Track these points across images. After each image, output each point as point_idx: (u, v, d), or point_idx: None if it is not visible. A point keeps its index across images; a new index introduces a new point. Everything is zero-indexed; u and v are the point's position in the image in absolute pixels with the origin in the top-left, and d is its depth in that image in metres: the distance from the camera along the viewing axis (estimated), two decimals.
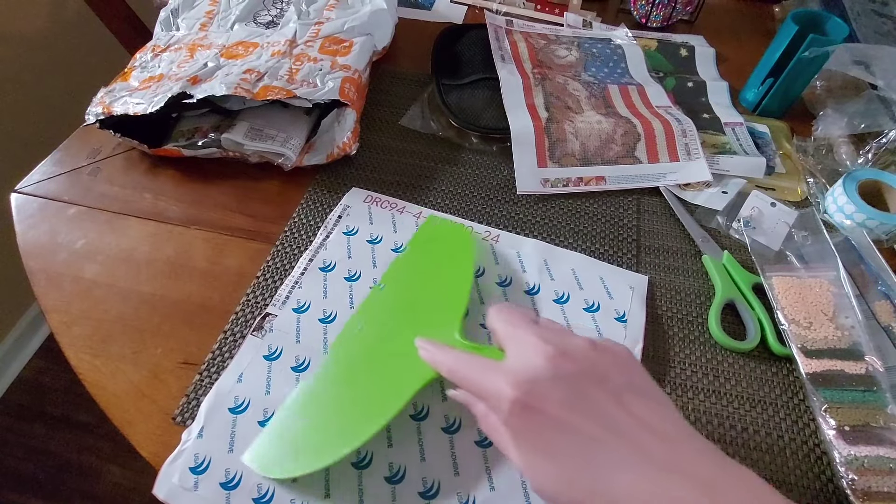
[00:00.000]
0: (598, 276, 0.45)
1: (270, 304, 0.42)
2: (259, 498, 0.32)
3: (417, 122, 0.58)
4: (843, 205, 0.48)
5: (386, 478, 0.33)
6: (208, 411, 0.35)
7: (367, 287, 0.43)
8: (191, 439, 0.34)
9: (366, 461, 0.34)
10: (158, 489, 0.32)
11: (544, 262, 0.45)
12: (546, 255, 0.46)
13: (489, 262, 0.45)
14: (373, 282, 0.43)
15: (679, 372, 0.40)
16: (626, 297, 0.43)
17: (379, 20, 0.61)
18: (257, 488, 0.33)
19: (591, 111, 0.57)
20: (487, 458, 0.35)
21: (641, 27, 0.74)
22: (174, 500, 0.32)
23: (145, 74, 0.54)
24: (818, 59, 0.55)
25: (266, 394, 0.37)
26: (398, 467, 0.34)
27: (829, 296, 0.43)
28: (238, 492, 0.32)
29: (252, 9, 0.61)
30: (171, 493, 0.32)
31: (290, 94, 0.49)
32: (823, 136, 0.57)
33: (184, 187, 0.51)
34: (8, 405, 1.14)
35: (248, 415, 0.36)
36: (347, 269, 0.44)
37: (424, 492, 0.33)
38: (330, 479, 0.33)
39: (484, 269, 0.45)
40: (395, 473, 0.34)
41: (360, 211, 0.49)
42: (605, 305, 0.43)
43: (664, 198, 0.52)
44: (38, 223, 0.47)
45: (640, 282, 0.45)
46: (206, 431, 0.35)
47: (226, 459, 0.34)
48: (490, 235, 0.47)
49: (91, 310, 0.42)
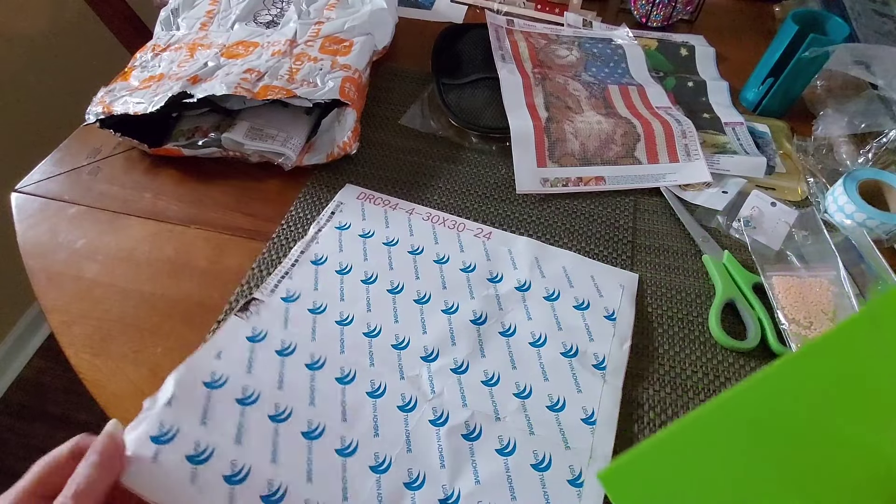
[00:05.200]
0: (589, 275, 0.45)
1: (257, 291, 0.41)
2: (231, 476, 0.30)
3: (417, 121, 0.58)
4: (844, 204, 0.48)
5: (371, 467, 0.33)
6: (179, 382, 0.33)
7: (359, 280, 0.43)
8: (155, 408, 0.32)
9: (351, 449, 0.34)
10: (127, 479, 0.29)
11: (535, 259, 0.46)
12: (538, 252, 0.46)
13: (480, 259, 0.46)
14: (364, 275, 0.43)
15: (679, 371, 0.40)
16: (615, 295, 0.44)
17: (379, 20, 0.61)
18: (231, 465, 0.31)
19: (591, 111, 0.57)
20: (473, 451, 0.35)
21: (642, 27, 0.74)
22: (126, 475, 0.28)
23: (145, 74, 0.54)
24: (818, 58, 0.55)
25: (247, 372, 0.36)
26: (384, 457, 0.34)
27: (829, 295, 0.43)
28: (207, 467, 0.30)
29: (252, 8, 0.61)
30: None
31: (290, 94, 0.49)
32: (824, 135, 0.57)
33: (184, 187, 0.51)
34: (8, 405, 1.14)
35: (225, 390, 0.34)
36: (339, 263, 0.44)
37: (410, 483, 0.33)
38: (312, 466, 0.33)
39: (475, 265, 0.45)
40: (381, 463, 0.34)
41: (353, 207, 0.49)
42: (595, 303, 0.43)
43: (664, 198, 0.52)
44: (38, 223, 0.47)
45: (630, 280, 0.45)
46: (176, 402, 0.32)
47: (196, 431, 0.31)
48: (482, 232, 0.48)
49: (91, 309, 0.42)
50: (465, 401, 0.37)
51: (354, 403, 0.36)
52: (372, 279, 0.43)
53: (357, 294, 0.42)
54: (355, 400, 0.36)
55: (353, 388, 0.37)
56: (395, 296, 0.43)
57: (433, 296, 0.43)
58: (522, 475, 0.34)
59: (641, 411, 0.38)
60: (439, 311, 0.42)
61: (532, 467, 0.34)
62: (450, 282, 0.44)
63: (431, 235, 0.47)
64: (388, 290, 0.43)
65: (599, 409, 0.37)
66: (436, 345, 0.40)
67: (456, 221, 0.48)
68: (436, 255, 0.46)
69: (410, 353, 0.39)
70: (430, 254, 0.46)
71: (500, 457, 0.35)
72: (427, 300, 0.42)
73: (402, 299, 0.42)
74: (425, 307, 0.42)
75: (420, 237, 0.47)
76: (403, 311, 0.42)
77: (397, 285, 0.43)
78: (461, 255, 0.46)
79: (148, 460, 0.29)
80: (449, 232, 0.48)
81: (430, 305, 0.42)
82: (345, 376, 0.37)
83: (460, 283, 0.44)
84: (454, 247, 0.46)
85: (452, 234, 0.47)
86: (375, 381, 0.37)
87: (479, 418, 0.36)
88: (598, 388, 0.38)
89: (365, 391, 0.37)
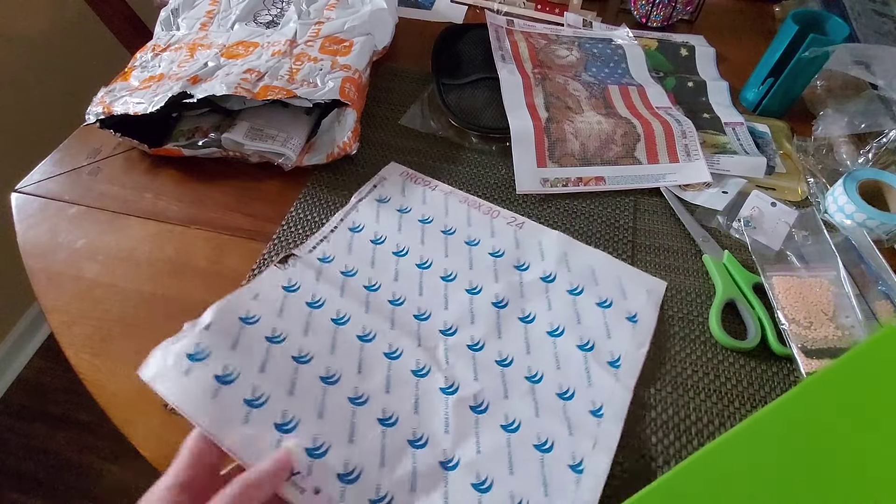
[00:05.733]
0: (616, 276, 0.45)
1: (297, 249, 0.44)
2: (251, 400, 0.32)
3: (417, 121, 0.58)
4: (844, 204, 0.48)
5: (378, 419, 0.35)
6: (218, 311, 0.36)
7: (391, 251, 0.45)
8: (196, 330, 0.34)
9: (363, 399, 0.35)
10: (145, 371, 0.31)
11: (564, 253, 0.46)
12: (567, 247, 0.47)
13: (510, 246, 0.46)
14: (396, 247, 0.45)
15: (680, 371, 0.40)
16: (640, 300, 0.43)
17: (379, 20, 0.61)
18: (252, 389, 0.32)
19: (591, 111, 0.57)
20: (478, 424, 0.36)
21: (642, 27, 0.74)
22: (160, 381, 0.31)
23: (146, 74, 0.54)
24: (818, 58, 0.55)
25: (278, 316, 0.38)
26: (392, 413, 0.35)
27: (829, 295, 0.43)
28: (231, 388, 0.32)
29: (252, 8, 0.61)
30: (158, 374, 0.31)
31: (290, 94, 0.49)
32: (824, 135, 0.57)
33: (184, 187, 0.51)
34: (8, 405, 1.14)
35: (257, 327, 0.36)
36: (374, 233, 0.47)
37: (413, 441, 0.34)
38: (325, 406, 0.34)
39: (504, 251, 0.46)
40: (389, 418, 0.35)
41: (395, 183, 0.51)
42: (618, 303, 0.43)
43: (664, 198, 0.52)
44: (38, 223, 0.47)
45: (657, 287, 0.45)
46: (214, 327, 0.35)
47: (227, 355, 0.33)
48: (515, 221, 0.49)
49: (91, 309, 0.42)
50: (477, 376, 0.38)
51: (371, 360, 0.38)
52: (403, 252, 0.45)
53: (387, 264, 0.44)
54: (372, 357, 0.38)
55: (372, 346, 0.39)
56: (423, 270, 0.44)
57: (459, 275, 0.44)
58: (523, 452, 0.35)
59: (643, 410, 0.38)
60: (463, 290, 0.43)
61: (534, 447, 0.35)
62: (477, 264, 0.45)
63: (465, 218, 0.49)
64: (417, 264, 0.45)
65: (608, 405, 0.37)
66: (455, 321, 0.41)
67: (491, 208, 0.50)
68: (467, 237, 0.47)
69: (430, 325, 0.41)
70: (462, 235, 0.47)
71: (504, 432, 0.35)
72: (453, 278, 0.44)
73: (429, 274, 0.44)
74: (450, 285, 0.43)
75: (454, 218, 0.48)
76: (429, 285, 0.43)
77: (426, 261, 0.45)
78: (491, 240, 0.47)
79: (181, 373, 0.31)
80: (483, 217, 0.49)
81: (454, 284, 0.43)
82: (366, 335, 0.39)
83: (487, 267, 0.45)
84: (486, 231, 0.47)
85: (486, 219, 0.49)
86: (393, 345, 0.39)
87: (487, 394, 0.37)
88: (610, 384, 0.38)
89: (382, 351, 0.39)
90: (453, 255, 0.45)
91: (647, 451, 0.36)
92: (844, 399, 0.30)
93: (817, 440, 0.29)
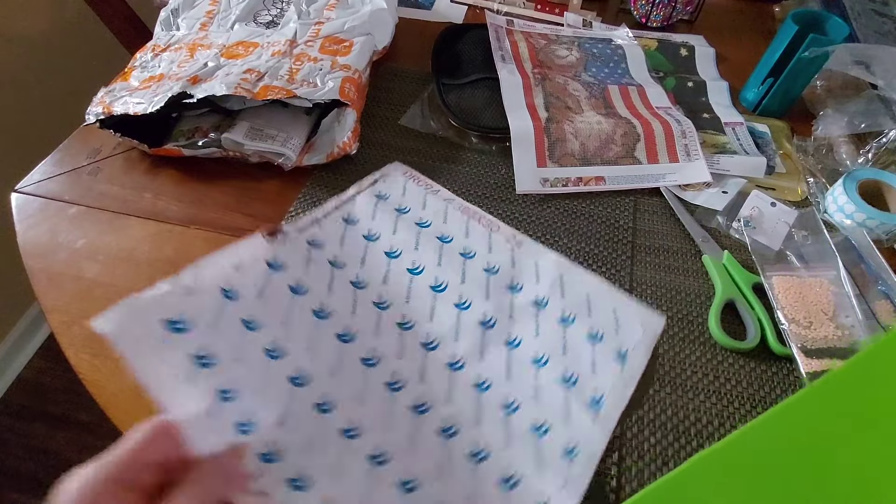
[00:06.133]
0: (612, 307, 0.41)
1: (287, 224, 0.39)
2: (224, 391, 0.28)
3: (417, 121, 0.58)
4: (844, 204, 0.48)
5: (343, 429, 0.32)
6: (198, 276, 0.31)
7: (383, 251, 0.44)
8: (176, 291, 0.29)
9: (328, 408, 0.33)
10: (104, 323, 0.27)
11: (560, 277, 0.43)
12: (564, 271, 0.44)
13: (506, 265, 0.44)
14: (389, 247, 0.44)
15: (679, 372, 0.40)
16: (634, 336, 0.40)
17: (379, 20, 0.61)
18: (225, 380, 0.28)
19: (591, 111, 0.57)
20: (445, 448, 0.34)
21: (641, 27, 0.74)
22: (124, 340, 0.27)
23: (145, 74, 0.54)
24: (818, 58, 0.55)
25: (258, 297, 0.33)
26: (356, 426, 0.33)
27: (829, 295, 0.43)
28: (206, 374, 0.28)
29: (252, 9, 0.61)
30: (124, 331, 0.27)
31: (290, 94, 0.49)
32: (824, 135, 0.57)
33: (184, 187, 0.51)
34: (8, 405, 1.14)
35: (237, 306, 0.31)
36: (368, 229, 0.45)
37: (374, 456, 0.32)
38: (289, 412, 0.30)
39: (499, 268, 0.44)
40: (353, 429, 0.33)
41: (396, 181, 0.50)
42: (610, 338, 0.40)
43: (663, 198, 0.52)
44: (38, 223, 0.47)
45: (654, 322, 0.41)
46: (196, 296, 0.30)
47: (206, 334, 0.29)
48: (514, 238, 0.46)
49: (91, 309, 0.41)
50: (451, 398, 0.36)
51: (347, 366, 0.36)
52: (396, 254, 0.44)
53: (378, 264, 0.43)
54: (349, 362, 0.36)
55: (351, 349, 0.37)
56: (414, 276, 0.43)
57: (449, 287, 0.42)
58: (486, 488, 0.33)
59: (641, 411, 0.38)
60: (452, 304, 0.41)
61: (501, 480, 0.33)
62: (470, 278, 0.43)
63: (464, 229, 0.47)
64: (409, 269, 0.43)
65: (582, 447, 0.35)
66: (439, 336, 0.39)
67: (491, 221, 0.48)
68: (463, 248, 0.45)
69: (412, 335, 0.39)
70: (458, 246, 0.45)
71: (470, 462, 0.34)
72: (443, 289, 0.42)
73: (418, 281, 0.42)
74: (439, 296, 0.42)
75: (452, 227, 0.47)
76: (417, 294, 0.42)
77: (418, 266, 0.43)
78: (488, 256, 0.45)
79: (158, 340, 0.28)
80: (482, 230, 0.47)
81: (444, 295, 0.42)
82: (345, 334, 0.37)
83: (480, 283, 0.43)
84: (483, 246, 0.46)
85: (485, 232, 0.47)
86: (372, 352, 0.37)
87: (459, 419, 0.35)
88: (587, 426, 0.35)
89: (360, 356, 0.37)
90: (446, 265, 0.44)
91: (647, 451, 0.36)
92: (849, 404, 0.29)
93: (821, 445, 0.28)
